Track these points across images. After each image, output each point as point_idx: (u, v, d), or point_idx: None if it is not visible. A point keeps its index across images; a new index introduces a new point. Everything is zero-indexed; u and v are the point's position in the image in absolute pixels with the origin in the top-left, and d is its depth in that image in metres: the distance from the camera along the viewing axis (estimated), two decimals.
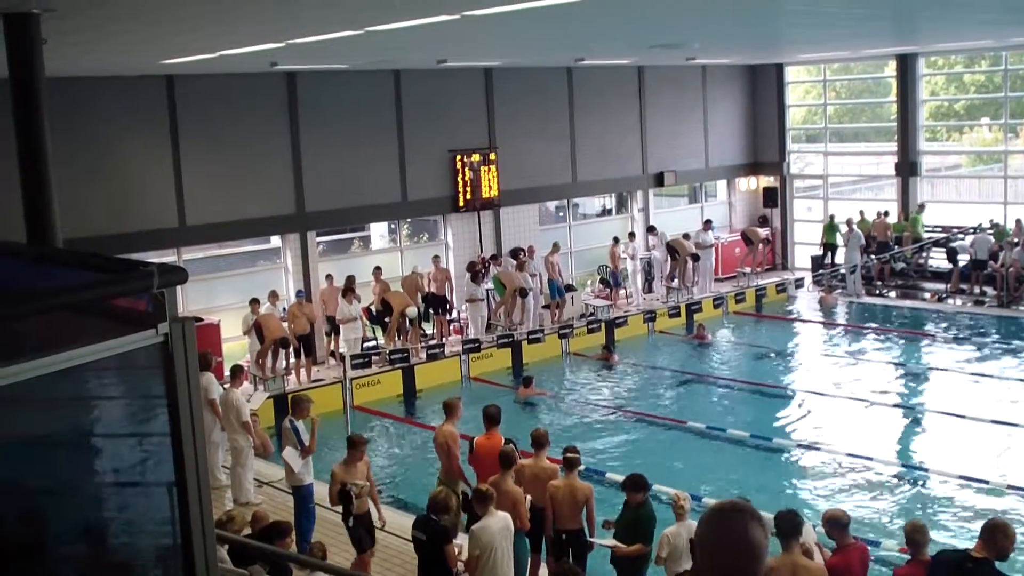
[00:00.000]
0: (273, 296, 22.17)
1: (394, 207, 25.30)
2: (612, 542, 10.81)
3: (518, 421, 17.89)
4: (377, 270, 23.93)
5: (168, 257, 21.28)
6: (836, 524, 9.33)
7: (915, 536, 8.81)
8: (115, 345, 3.42)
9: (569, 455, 11.64)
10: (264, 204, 22.87)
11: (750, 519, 3.07)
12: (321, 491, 13.46)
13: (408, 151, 25.14)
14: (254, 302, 21.39)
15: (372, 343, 23.51)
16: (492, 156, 26.34)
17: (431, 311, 24.76)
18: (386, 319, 23.17)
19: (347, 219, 25.05)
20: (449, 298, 24.95)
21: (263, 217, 22.91)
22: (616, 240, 28.16)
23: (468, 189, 25.95)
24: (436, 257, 25.23)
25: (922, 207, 29.98)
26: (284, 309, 22.79)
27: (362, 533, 12.11)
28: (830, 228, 30.58)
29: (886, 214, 30.14)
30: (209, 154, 22.23)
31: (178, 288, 3.64)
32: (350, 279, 22.90)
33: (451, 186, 25.83)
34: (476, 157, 26.06)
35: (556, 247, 27.43)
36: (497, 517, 10.35)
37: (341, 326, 22.55)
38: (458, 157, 25.78)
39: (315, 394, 19.98)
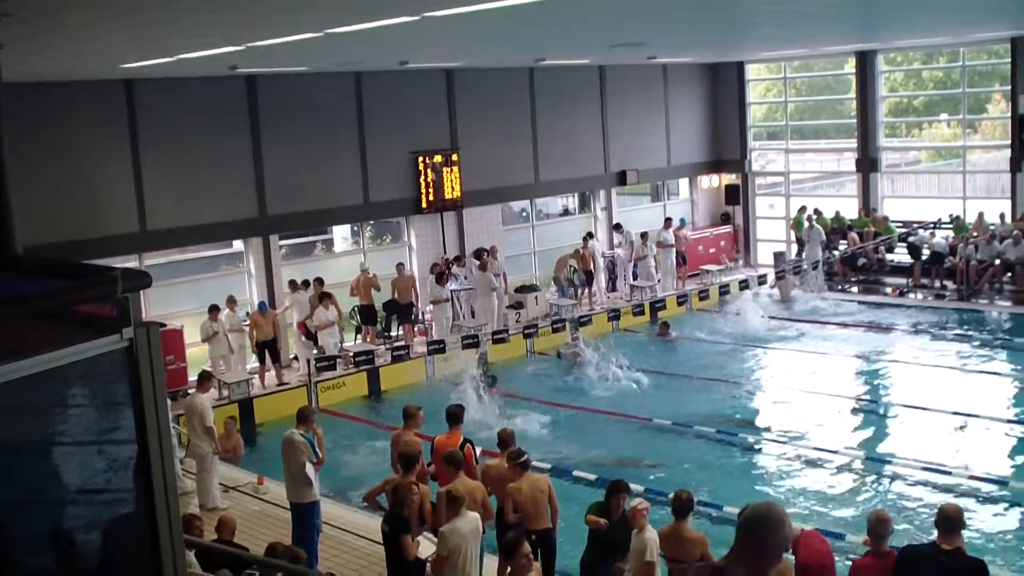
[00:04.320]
0: (231, 302, 21.95)
1: (357, 209, 25.24)
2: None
3: (484, 421, 17.93)
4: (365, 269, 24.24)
5: (130, 263, 21.11)
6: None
7: (877, 528, 8.67)
8: (81, 350, 3.40)
9: (523, 459, 11.57)
10: (226, 208, 22.74)
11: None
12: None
13: (370, 153, 25.09)
14: (213, 309, 21.20)
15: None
16: (454, 157, 26.31)
17: (395, 318, 24.77)
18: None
19: (309, 222, 24.94)
20: (416, 305, 24.91)
21: (225, 221, 22.79)
22: (587, 238, 28.29)
23: (431, 190, 25.91)
24: (400, 265, 25.06)
25: (874, 209, 30.36)
26: (247, 314, 22.70)
27: None
28: (799, 222, 30.78)
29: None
30: (170, 158, 22.07)
31: (141, 293, 3.62)
32: (320, 281, 22.98)
33: (414, 188, 25.80)
34: (438, 158, 26.03)
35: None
36: (468, 519, 10.35)
37: (318, 332, 22.48)
38: (420, 159, 25.75)
39: (280, 398, 20.17)
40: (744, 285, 29.66)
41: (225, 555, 9.68)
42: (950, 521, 8.11)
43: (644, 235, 28.87)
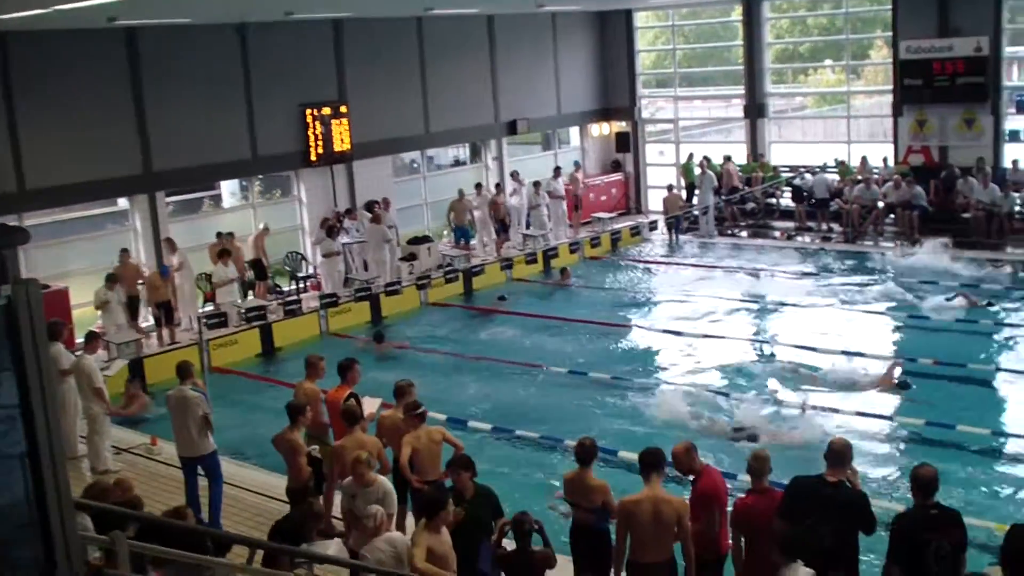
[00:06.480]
0: (125, 254, 21.61)
1: (245, 164, 24.85)
2: None
3: (378, 375, 17.84)
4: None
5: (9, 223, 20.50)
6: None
7: (754, 464, 8.95)
8: None
9: (420, 410, 11.46)
10: (109, 165, 22.15)
11: None
12: None
13: (257, 106, 24.68)
14: (110, 279, 20.58)
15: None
16: (343, 109, 26.01)
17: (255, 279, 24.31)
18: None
19: (196, 178, 24.40)
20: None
21: (109, 178, 22.19)
22: (461, 194, 28.14)
23: (320, 143, 25.60)
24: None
25: (761, 155, 30.93)
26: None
27: None
28: (688, 168, 31.15)
29: (729, 159, 30.78)
30: (48, 114, 21.37)
31: (23, 255, 3.50)
32: (231, 235, 22.96)
33: (302, 141, 25.45)
34: (327, 111, 25.71)
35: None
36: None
37: (217, 290, 22.16)
38: (309, 111, 25.39)
39: (171, 358, 19.72)
40: (635, 232, 29.98)
41: (119, 516, 9.51)
42: (835, 454, 8.49)
43: (537, 184, 28.95)
